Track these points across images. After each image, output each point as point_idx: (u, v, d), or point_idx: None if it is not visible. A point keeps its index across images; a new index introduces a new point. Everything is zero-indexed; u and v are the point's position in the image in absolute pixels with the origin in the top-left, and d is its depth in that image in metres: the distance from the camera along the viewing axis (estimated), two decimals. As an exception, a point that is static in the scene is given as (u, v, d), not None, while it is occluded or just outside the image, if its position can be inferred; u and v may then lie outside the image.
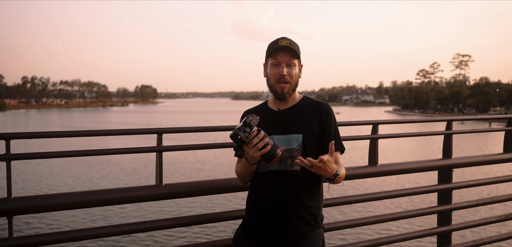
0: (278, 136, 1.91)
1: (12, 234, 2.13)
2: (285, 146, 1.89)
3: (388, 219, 3.05)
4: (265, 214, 1.91)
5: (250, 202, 2.02)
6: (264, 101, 2.10)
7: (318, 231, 1.95)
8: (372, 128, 2.99)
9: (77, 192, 2.32)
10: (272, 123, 1.94)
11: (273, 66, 1.93)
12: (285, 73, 1.91)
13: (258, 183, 1.97)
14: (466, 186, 3.37)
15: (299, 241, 1.88)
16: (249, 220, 1.99)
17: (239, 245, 2.02)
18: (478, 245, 3.36)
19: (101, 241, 8.92)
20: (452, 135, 3.28)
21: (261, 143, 1.73)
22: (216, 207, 11.59)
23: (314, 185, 1.93)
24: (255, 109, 2.07)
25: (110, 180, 16.53)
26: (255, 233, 1.94)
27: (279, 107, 1.98)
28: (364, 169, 2.96)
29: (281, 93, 1.92)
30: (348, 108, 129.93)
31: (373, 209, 11.04)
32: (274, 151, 1.76)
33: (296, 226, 1.88)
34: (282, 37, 1.95)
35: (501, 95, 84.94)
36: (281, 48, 1.90)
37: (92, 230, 2.33)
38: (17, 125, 56.76)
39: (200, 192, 2.50)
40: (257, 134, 1.74)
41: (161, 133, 2.41)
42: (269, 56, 1.95)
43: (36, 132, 2.20)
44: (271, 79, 1.94)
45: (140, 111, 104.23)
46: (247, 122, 1.74)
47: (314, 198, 1.94)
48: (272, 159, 1.77)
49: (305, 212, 1.90)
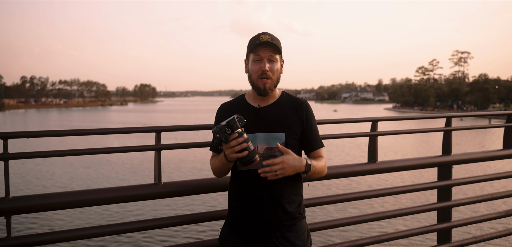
0: (259, 133, 1.91)
1: (11, 233, 2.13)
2: (267, 144, 1.90)
3: (388, 216, 3.05)
4: (250, 212, 1.93)
5: (233, 200, 2.03)
6: (241, 95, 2.07)
7: (303, 221, 2.01)
8: (371, 125, 2.99)
9: (75, 191, 2.31)
10: (253, 120, 1.92)
11: (254, 62, 1.92)
12: (267, 69, 1.90)
13: (241, 180, 1.97)
14: (466, 182, 3.37)
15: (286, 233, 1.93)
16: (234, 219, 2.00)
17: (226, 244, 2.02)
18: (478, 241, 3.36)
19: (100, 240, 8.92)
20: (452, 132, 3.28)
21: (238, 147, 1.74)
22: (217, 206, 11.59)
23: (295, 180, 1.97)
24: (231, 103, 2.04)
25: (108, 179, 16.51)
26: (242, 231, 1.96)
27: (259, 104, 1.97)
28: (364, 166, 2.95)
29: (263, 89, 1.92)
30: (347, 106, 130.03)
31: (372, 206, 11.04)
32: (252, 156, 1.76)
33: (282, 220, 1.92)
34: (263, 32, 1.94)
35: (500, 91, 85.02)
36: (263, 44, 1.89)
37: (91, 229, 2.32)
38: (16, 124, 56.71)
39: (199, 191, 2.50)
40: (238, 137, 1.74)
41: (160, 131, 2.41)
42: (250, 52, 1.93)
43: (33, 131, 2.19)
44: (253, 75, 1.93)
45: (140, 111, 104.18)
46: (230, 123, 1.74)
47: (296, 191, 1.99)
48: (249, 164, 1.78)
49: (289, 206, 1.94)
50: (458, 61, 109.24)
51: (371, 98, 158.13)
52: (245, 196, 1.95)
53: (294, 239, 1.93)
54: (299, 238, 1.95)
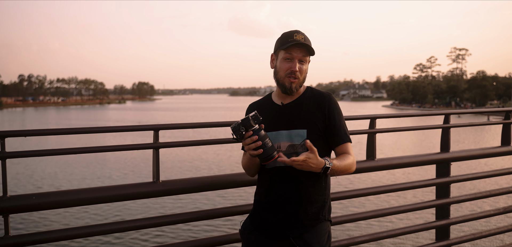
0: (282, 131, 1.90)
1: (9, 232, 2.13)
2: (289, 141, 1.89)
3: (386, 213, 3.05)
4: (271, 208, 1.93)
5: (258, 195, 2.03)
6: (268, 94, 2.07)
7: (325, 224, 1.96)
8: (370, 122, 2.99)
9: (73, 190, 2.31)
10: (276, 118, 1.92)
11: (285, 60, 1.89)
12: (297, 70, 1.88)
13: (265, 177, 1.97)
14: (464, 179, 3.37)
15: (305, 234, 1.89)
16: (256, 213, 2.00)
17: (246, 237, 2.03)
18: (476, 238, 3.36)
19: (98, 239, 8.91)
20: (450, 129, 3.28)
21: (253, 145, 1.73)
22: (216, 204, 11.59)
23: (320, 179, 1.91)
24: (259, 102, 2.05)
25: (106, 178, 16.50)
26: (262, 226, 1.96)
27: (282, 101, 1.96)
28: (362, 164, 2.95)
29: (289, 88, 1.90)
30: (345, 103, 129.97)
31: (371, 203, 11.05)
32: (269, 153, 1.75)
33: (302, 220, 1.89)
34: (296, 30, 1.90)
35: (498, 88, 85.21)
36: (297, 44, 1.86)
37: (89, 227, 2.31)
38: (14, 123, 56.58)
39: (198, 189, 2.50)
40: (252, 135, 1.73)
41: (158, 129, 2.40)
42: (282, 49, 1.89)
43: (31, 129, 2.19)
44: (280, 72, 1.91)
45: (138, 109, 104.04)
46: (244, 122, 1.73)
47: (321, 191, 1.93)
48: (267, 160, 1.77)
49: (311, 206, 1.90)
50: (456, 58, 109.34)
51: (369, 95, 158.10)
52: (269, 191, 1.95)
53: (311, 241, 1.89)
54: (318, 241, 1.91)
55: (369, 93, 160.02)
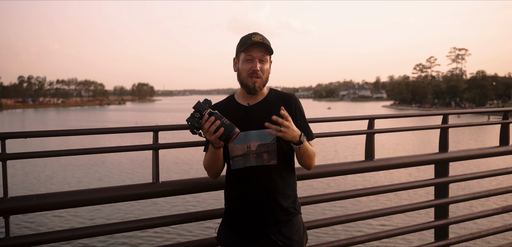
0: (252, 131, 1.94)
1: (9, 233, 2.13)
2: (259, 141, 1.93)
3: (385, 214, 3.06)
4: (247, 209, 1.96)
5: (229, 199, 2.05)
6: (230, 95, 2.11)
7: (298, 217, 2.04)
8: (368, 123, 2.99)
9: (73, 191, 2.32)
10: (243, 118, 1.96)
11: (245, 61, 1.95)
12: (258, 69, 1.93)
13: (235, 180, 2.00)
14: (463, 179, 3.37)
15: (283, 228, 1.96)
16: (231, 217, 2.03)
17: (224, 242, 2.05)
18: (475, 238, 3.37)
19: (98, 240, 8.92)
20: (449, 129, 3.29)
21: (213, 127, 1.76)
22: (216, 204, 11.60)
23: (290, 175, 2.02)
24: (222, 103, 2.07)
25: (106, 179, 16.50)
26: (239, 228, 1.99)
27: (249, 102, 2.00)
28: (361, 164, 2.96)
29: (252, 87, 1.95)
30: (345, 103, 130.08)
31: (370, 203, 11.06)
32: (231, 129, 1.77)
33: (278, 216, 1.95)
34: (254, 32, 1.97)
35: (498, 88, 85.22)
36: (255, 44, 1.92)
37: (89, 228, 2.32)
38: (14, 124, 56.58)
39: (197, 189, 2.51)
40: (209, 118, 1.75)
41: (157, 130, 2.41)
42: (241, 51, 1.96)
43: (31, 131, 2.20)
44: (243, 73, 1.97)
45: (138, 110, 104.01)
46: (197, 107, 1.76)
47: (291, 187, 2.02)
48: (230, 139, 1.78)
49: (285, 201, 1.97)
50: (456, 58, 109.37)
51: (369, 95, 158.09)
52: (242, 193, 1.97)
53: (290, 234, 1.97)
54: (295, 233, 1.99)
55: (369, 94, 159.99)
